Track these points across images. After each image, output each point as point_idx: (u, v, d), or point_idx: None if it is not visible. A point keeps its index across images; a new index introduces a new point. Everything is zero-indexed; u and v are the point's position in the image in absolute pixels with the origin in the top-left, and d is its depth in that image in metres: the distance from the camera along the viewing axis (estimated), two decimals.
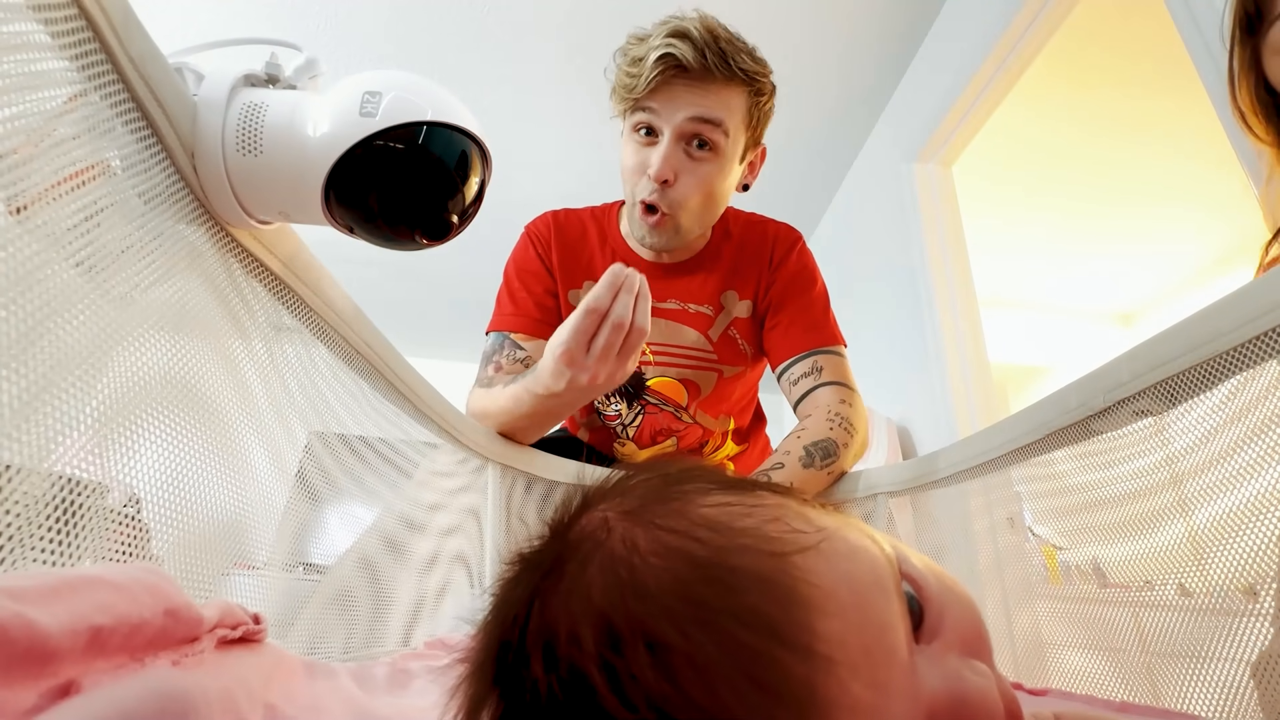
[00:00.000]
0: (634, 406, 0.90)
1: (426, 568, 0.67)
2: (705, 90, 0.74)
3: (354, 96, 0.39)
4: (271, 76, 0.42)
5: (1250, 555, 0.37)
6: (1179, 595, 0.43)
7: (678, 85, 0.74)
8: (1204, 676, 0.39)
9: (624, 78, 0.76)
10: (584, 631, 0.18)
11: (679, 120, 0.74)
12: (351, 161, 0.39)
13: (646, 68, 0.73)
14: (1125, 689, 0.45)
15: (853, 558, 0.21)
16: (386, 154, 0.39)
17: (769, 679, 0.18)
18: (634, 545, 0.20)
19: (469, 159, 0.42)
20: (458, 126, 0.41)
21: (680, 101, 0.74)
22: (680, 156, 0.76)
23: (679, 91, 0.74)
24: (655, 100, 0.75)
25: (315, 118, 0.39)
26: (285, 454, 0.49)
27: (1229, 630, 0.38)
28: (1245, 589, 0.38)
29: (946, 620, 0.22)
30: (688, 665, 0.17)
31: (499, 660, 0.20)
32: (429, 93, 0.40)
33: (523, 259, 0.90)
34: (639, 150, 0.78)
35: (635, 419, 0.91)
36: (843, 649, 0.18)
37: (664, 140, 0.75)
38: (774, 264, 0.88)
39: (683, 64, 0.72)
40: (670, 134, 0.75)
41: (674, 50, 0.72)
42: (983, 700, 0.20)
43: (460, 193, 0.42)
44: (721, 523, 0.21)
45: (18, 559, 0.27)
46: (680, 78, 0.73)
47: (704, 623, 0.18)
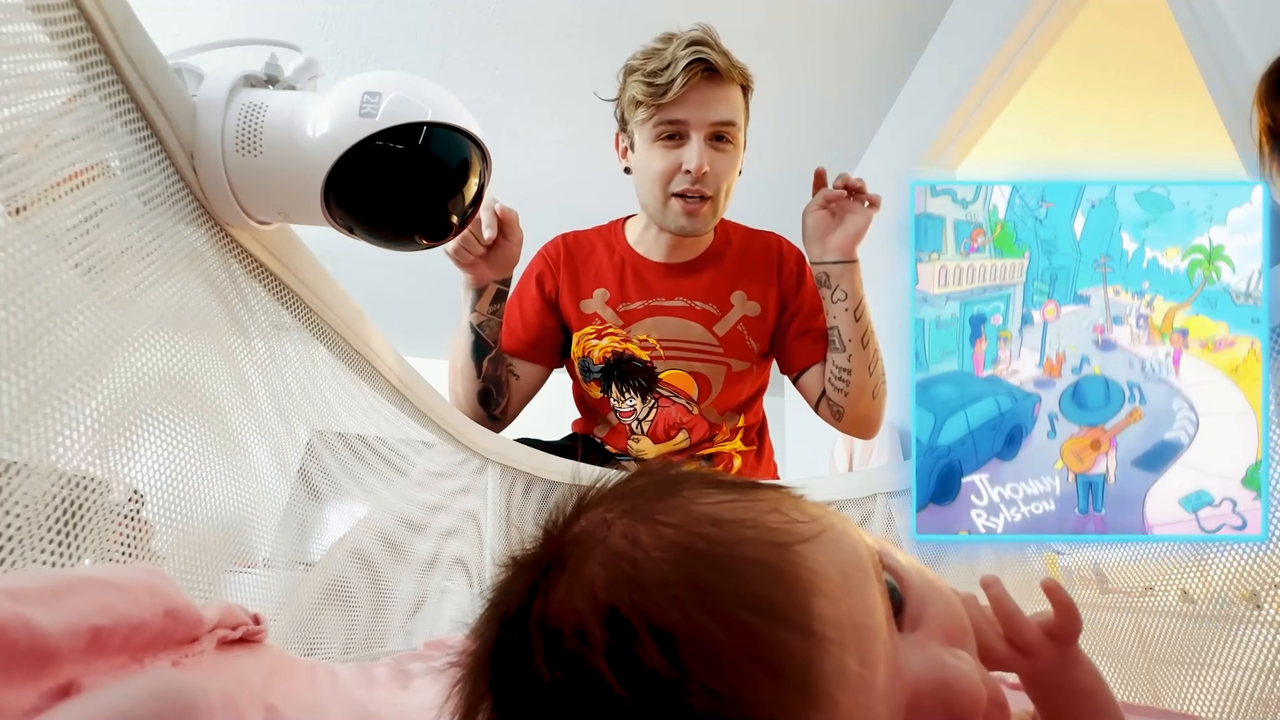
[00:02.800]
0: (648, 401, 0.95)
1: (426, 568, 0.67)
2: (725, 91, 0.84)
3: (354, 97, 0.39)
4: (271, 77, 0.42)
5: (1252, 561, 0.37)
6: (1181, 601, 0.43)
7: (705, 88, 0.82)
8: (1206, 683, 0.39)
9: (646, 87, 0.83)
10: (590, 624, 0.19)
11: (707, 122, 0.83)
12: (351, 162, 0.39)
13: (677, 73, 0.81)
14: (1127, 694, 0.45)
15: (840, 544, 0.22)
16: (386, 154, 0.39)
17: (773, 659, 0.18)
18: (636, 540, 0.20)
19: (469, 160, 0.42)
20: (458, 127, 0.41)
21: (708, 101, 0.83)
22: (709, 151, 0.84)
23: (706, 93, 0.83)
24: (684, 104, 0.83)
25: (315, 118, 0.39)
26: (287, 453, 0.49)
27: (1231, 637, 0.38)
28: (1247, 595, 0.38)
29: (928, 611, 0.23)
30: (695, 649, 0.18)
31: (497, 656, 0.20)
32: (429, 93, 0.40)
33: (524, 280, 0.98)
34: (666, 153, 0.85)
35: (649, 413, 0.96)
36: (838, 628, 0.19)
37: (695, 139, 0.83)
38: (785, 275, 0.97)
39: (713, 67, 0.81)
40: (701, 134, 0.83)
41: (704, 55, 0.81)
42: (964, 684, 0.21)
43: (460, 193, 0.42)
44: (722, 517, 0.21)
45: (19, 559, 0.27)
46: (705, 80, 0.82)
47: (709, 608, 0.18)
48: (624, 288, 0.94)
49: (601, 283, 0.95)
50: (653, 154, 0.85)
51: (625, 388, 0.95)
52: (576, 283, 0.96)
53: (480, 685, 0.21)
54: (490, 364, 0.89)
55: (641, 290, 0.94)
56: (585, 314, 0.94)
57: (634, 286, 0.94)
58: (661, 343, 0.93)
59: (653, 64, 0.82)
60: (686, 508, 0.22)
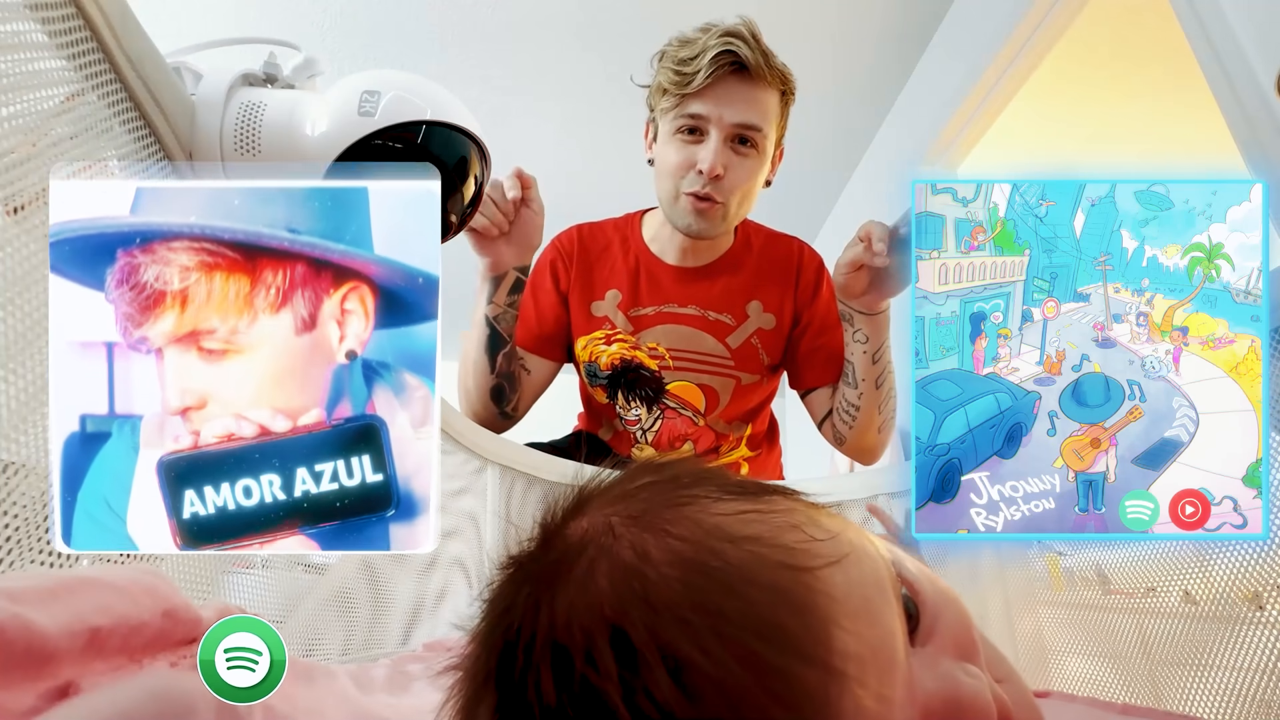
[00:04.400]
0: (653, 411, 0.93)
1: (425, 570, 0.67)
2: (753, 89, 0.79)
3: (353, 95, 0.39)
4: (270, 76, 0.42)
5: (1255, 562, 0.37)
6: (1183, 602, 0.43)
7: (730, 82, 0.78)
8: (1208, 685, 0.39)
9: (673, 75, 0.79)
10: (599, 646, 0.18)
11: (728, 122, 0.79)
12: (350, 160, 0.39)
13: (704, 64, 0.76)
14: (1129, 696, 0.45)
15: (860, 565, 0.21)
16: (385, 153, 0.39)
17: (789, 695, 0.18)
18: (645, 554, 0.20)
19: (468, 158, 0.42)
20: (457, 126, 0.41)
21: (731, 98, 0.79)
22: (728, 153, 0.80)
23: (731, 88, 0.78)
24: (707, 97, 0.79)
25: (314, 117, 0.39)
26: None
27: (1234, 638, 0.38)
28: (1250, 596, 0.38)
29: (940, 624, 0.22)
30: (708, 682, 0.17)
31: (502, 669, 0.20)
32: (428, 92, 0.40)
33: (537, 269, 0.94)
34: (683, 148, 0.81)
35: (654, 423, 0.94)
36: (858, 663, 0.18)
37: (713, 138, 0.79)
38: (803, 286, 0.93)
39: (741, 61, 0.77)
40: (720, 133, 0.79)
41: (733, 48, 0.76)
42: (975, 701, 0.21)
43: (459, 192, 0.42)
44: (736, 533, 0.20)
45: (19, 559, 0.27)
46: (733, 76, 0.78)
47: (723, 636, 0.18)
48: (637, 290, 0.91)
49: (615, 283, 0.91)
50: (670, 147, 0.82)
51: (632, 396, 0.92)
52: (589, 280, 0.92)
53: (486, 691, 0.20)
54: (504, 359, 0.86)
55: (655, 294, 0.91)
56: (595, 317, 0.91)
57: (647, 290, 0.91)
58: (671, 353, 0.90)
59: (684, 52, 0.78)
60: (697, 518, 0.21)
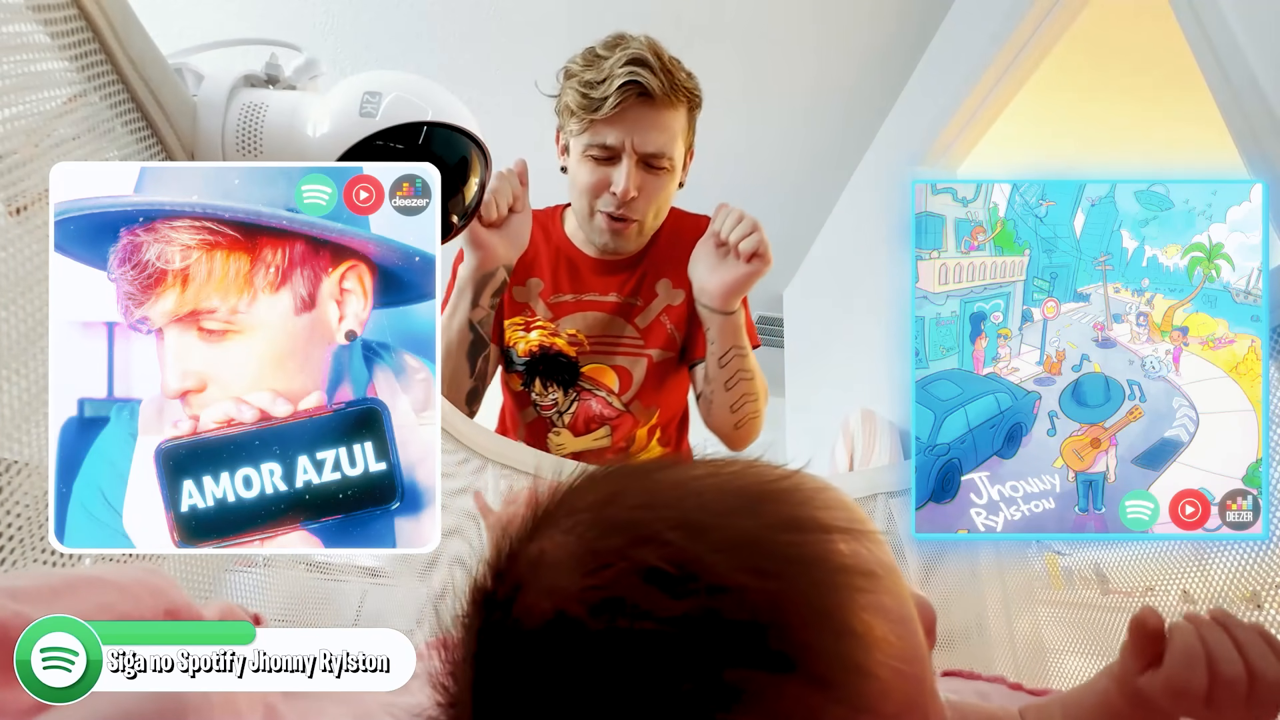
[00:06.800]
0: (569, 394, 0.95)
1: (426, 569, 0.67)
2: (660, 114, 0.80)
3: (354, 97, 0.39)
4: (271, 77, 0.42)
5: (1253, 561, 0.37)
6: (1182, 601, 0.43)
7: (638, 109, 0.79)
8: None
9: (580, 98, 0.80)
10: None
11: (638, 151, 0.81)
12: (351, 161, 0.39)
13: (610, 93, 0.78)
14: None
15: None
16: (386, 154, 0.39)
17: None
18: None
19: (469, 159, 0.42)
20: (458, 127, 0.41)
21: (641, 125, 0.80)
22: (640, 174, 0.82)
23: (639, 115, 0.80)
24: (616, 125, 0.80)
25: (315, 118, 0.39)
26: None
27: None
28: (1248, 596, 0.38)
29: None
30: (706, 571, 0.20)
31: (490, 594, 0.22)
32: (430, 93, 0.40)
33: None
34: (596, 169, 0.83)
35: (571, 405, 0.95)
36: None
37: (625, 163, 0.81)
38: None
39: (647, 91, 0.78)
40: (631, 158, 0.81)
41: (639, 79, 0.77)
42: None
43: (460, 193, 0.42)
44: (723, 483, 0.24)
45: (19, 559, 0.27)
46: (640, 102, 0.79)
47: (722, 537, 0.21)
48: (557, 280, 0.93)
49: (537, 272, 0.93)
50: (584, 168, 0.84)
51: (548, 381, 0.94)
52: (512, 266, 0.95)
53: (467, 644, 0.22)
54: (484, 361, 0.88)
55: (574, 284, 0.93)
56: (516, 302, 0.93)
57: (567, 279, 0.93)
58: (590, 339, 0.93)
59: (590, 74, 0.80)
60: (678, 478, 0.25)
